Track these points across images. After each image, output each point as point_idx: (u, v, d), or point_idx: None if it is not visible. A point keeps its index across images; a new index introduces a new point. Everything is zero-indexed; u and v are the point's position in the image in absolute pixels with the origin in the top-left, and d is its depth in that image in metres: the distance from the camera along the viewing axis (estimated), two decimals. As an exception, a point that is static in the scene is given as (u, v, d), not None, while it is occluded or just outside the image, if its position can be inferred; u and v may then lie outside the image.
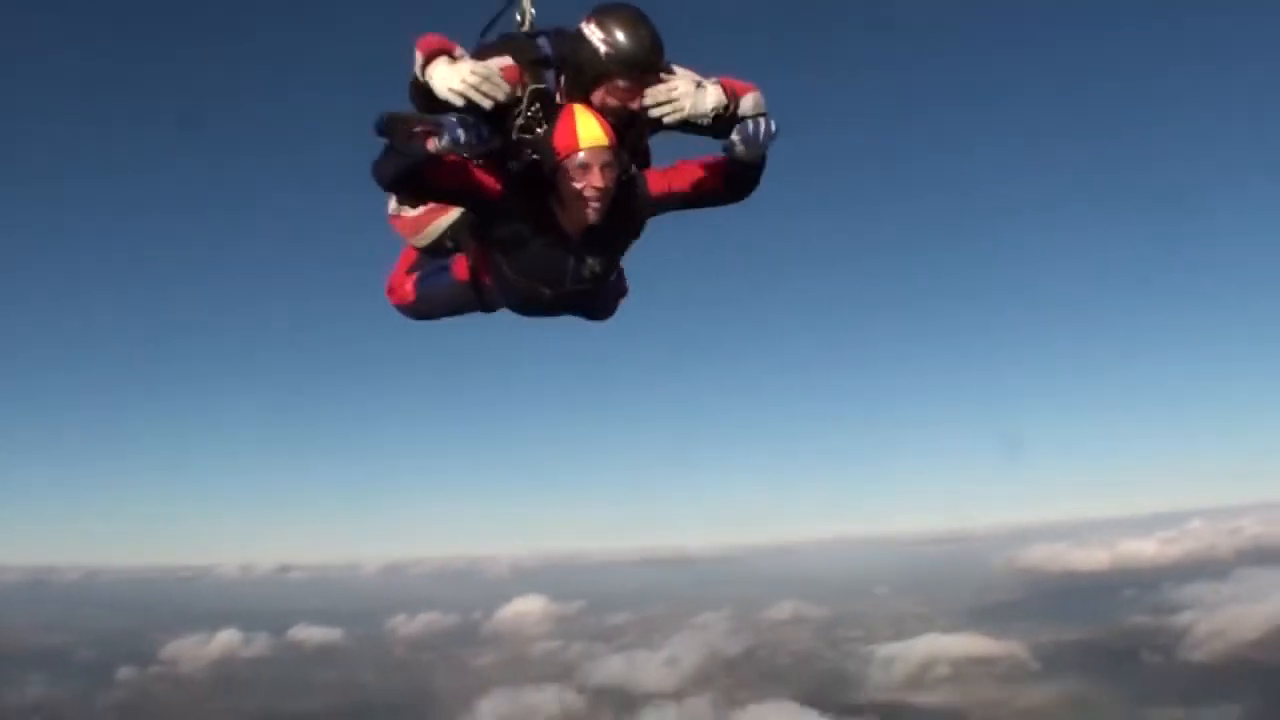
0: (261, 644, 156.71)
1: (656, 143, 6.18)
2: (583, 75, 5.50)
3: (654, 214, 5.97)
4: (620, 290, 6.75)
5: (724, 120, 5.70)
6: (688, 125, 5.83)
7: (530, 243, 5.71)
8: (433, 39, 5.29)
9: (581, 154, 5.34)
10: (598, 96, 5.51)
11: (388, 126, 5.38)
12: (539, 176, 5.55)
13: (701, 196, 5.91)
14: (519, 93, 5.54)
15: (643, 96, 5.51)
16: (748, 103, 5.67)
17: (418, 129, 5.13)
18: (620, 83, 5.43)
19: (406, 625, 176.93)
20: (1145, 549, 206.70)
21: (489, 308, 6.34)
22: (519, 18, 6.20)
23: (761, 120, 5.53)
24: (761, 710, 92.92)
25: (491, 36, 6.02)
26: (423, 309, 6.53)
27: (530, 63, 5.61)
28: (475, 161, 5.52)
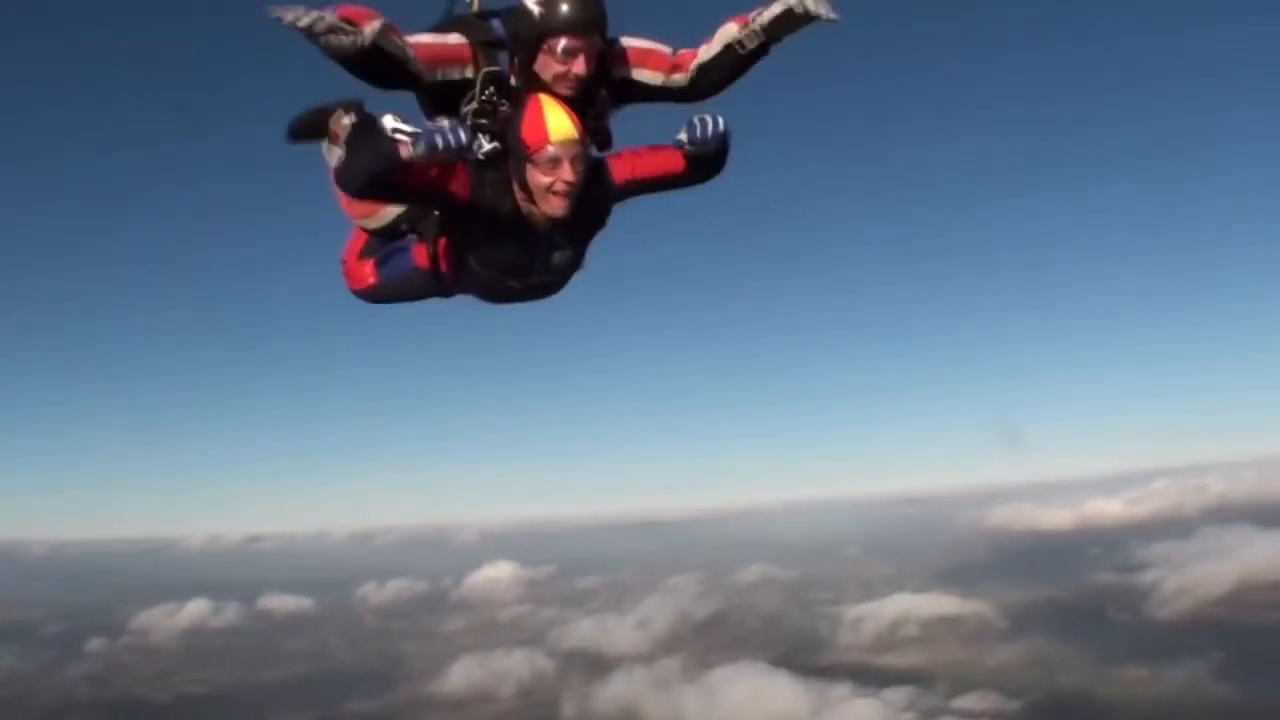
0: (231, 613, 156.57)
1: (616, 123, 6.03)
2: (524, 46, 5.40)
3: (619, 200, 5.83)
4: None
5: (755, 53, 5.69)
6: (650, 93, 5.84)
7: (498, 237, 5.57)
8: (348, 8, 5.00)
9: (551, 148, 5.23)
10: (542, 66, 5.38)
11: (312, 126, 5.54)
12: (504, 168, 5.42)
13: (666, 180, 5.81)
14: (470, 74, 5.46)
15: (585, 61, 5.37)
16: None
17: (392, 135, 5.09)
18: (557, 44, 5.29)
19: (376, 593, 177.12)
20: (1111, 508, 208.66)
21: (449, 294, 6.13)
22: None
23: (708, 119, 5.45)
24: (732, 671, 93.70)
25: (444, 19, 5.86)
26: (382, 294, 6.32)
27: (483, 44, 5.49)
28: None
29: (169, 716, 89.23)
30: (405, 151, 4.91)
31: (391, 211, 5.98)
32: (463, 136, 4.97)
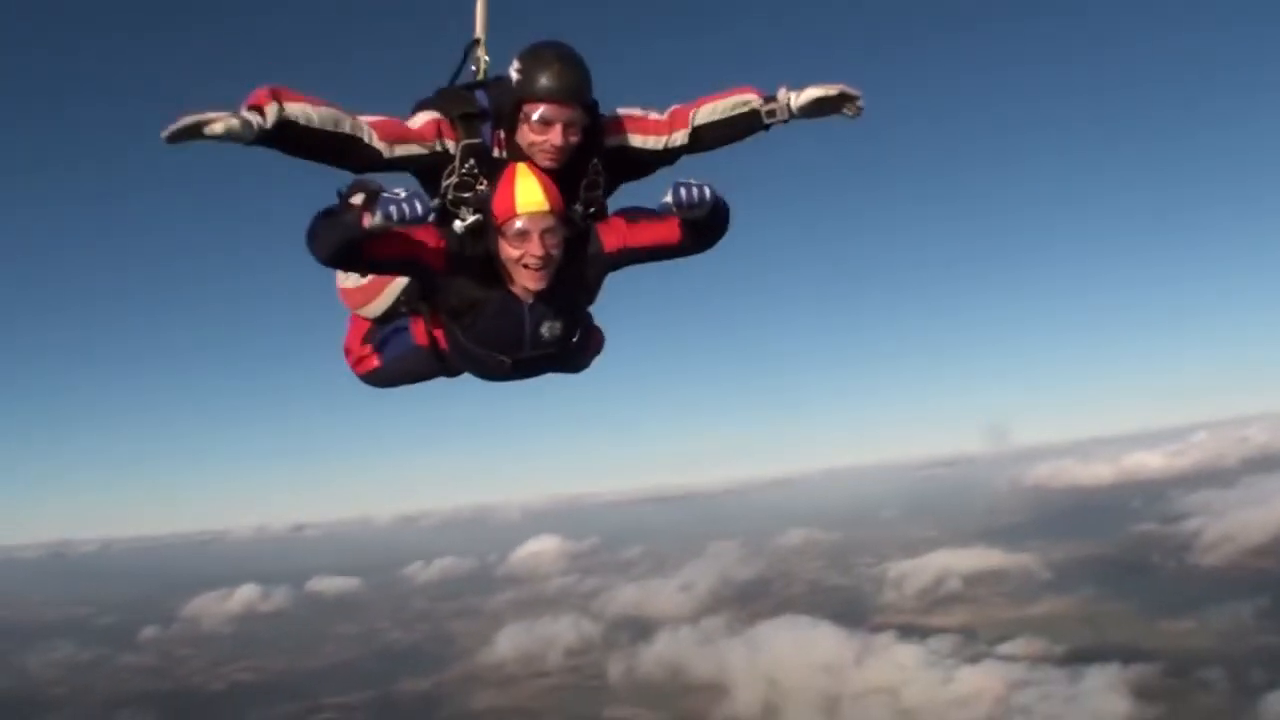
0: (281, 597, 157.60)
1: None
2: (503, 116, 5.29)
3: (611, 269, 5.67)
4: (594, 345, 6.27)
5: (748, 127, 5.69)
6: (647, 159, 5.72)
7: (483, 309, 5.42)
8: (259, 93, 4.82)
9: (519, 221, 5.09)
10: (521, 136, 5.24)
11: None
12: (484, 240, 5.29)
13: (662, 250, 5.64)
14: (442, 148, 5.31)
15: (563, 131, 5.20)
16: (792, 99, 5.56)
17: (351, 202, 5.16)
18: (534, 112, 5.15)
19: (423, 572, 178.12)
20: (1152, 461, 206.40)
21: (452, 373, 6.09)
22: (474, 68, 6.11)
23: (694, 186, 5.21)
24: (775, 626, 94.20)
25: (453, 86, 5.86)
26: (388, 377, 6.26)
27: (462, 116, 5.35)
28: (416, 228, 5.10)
29: (223, 704, 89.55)
30: (366, 221, 4.80)
31: (389, 296, 5.98)
32: (418, 207, 4.76)
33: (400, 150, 5.19)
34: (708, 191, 5.22)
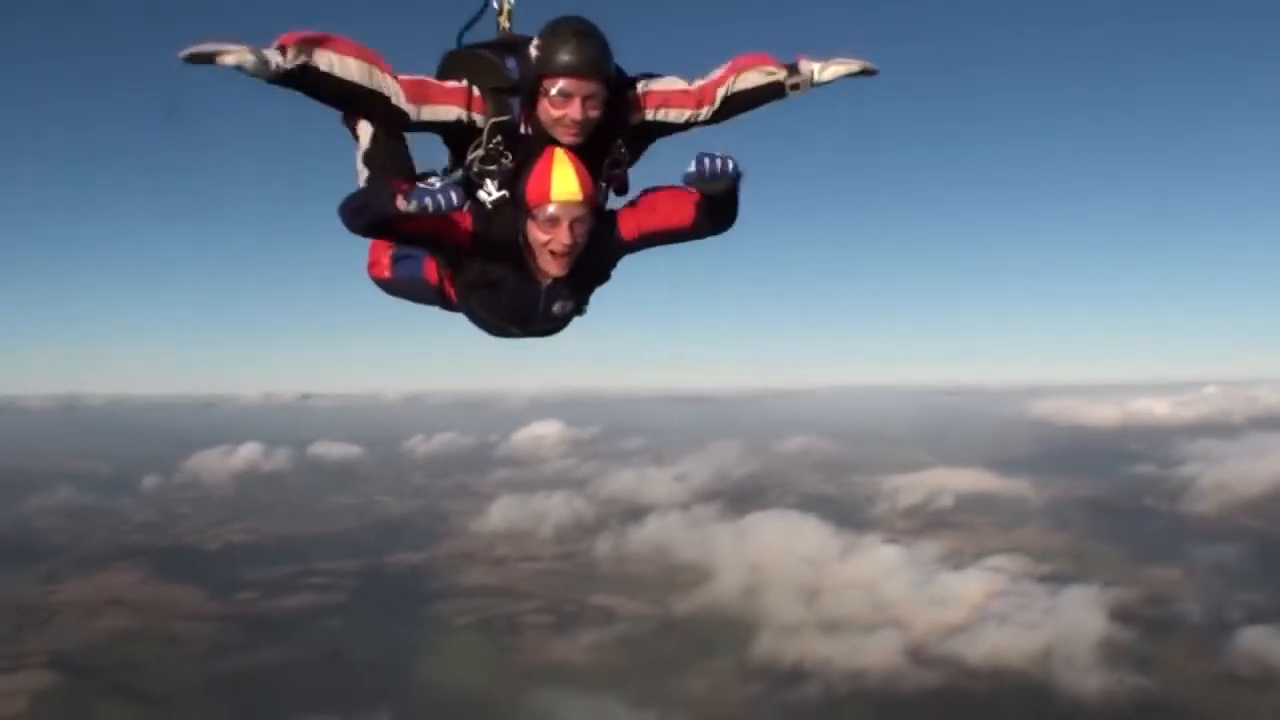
0: (282, 458, 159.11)
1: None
2: (527, 89, 5.27)
3: (627, 253, 5.75)
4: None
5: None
6: (672, 129, 5.71)
7: (500, 285, 5.57)
8: (291, 35, 4.90)
9: (551, 207, 5.17)
10: (542, 110, 5.23)
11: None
12: (509, 216, 5.38)
13: (676, 234, 5.67)
14: (473, 121, 5.34)
15: (582, 104, 5.22)
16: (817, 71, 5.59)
17: (390, 185, 5.17)
18: (553, 86, 5.14)
19: (424, 445, 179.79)
20: (1158, 409, 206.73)
21: (452, 310, 6.16)
22: (499, 10, 6.03)
23: (719, 159, 5.17)
24: (764, 517, 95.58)
25: (470, 39, 5.85)
26: (394, 290, 6.35)
27: (493, 91, 5.35)
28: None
29: (218, 563, 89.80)
30: (401, 205, 4.92)
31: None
32: (454, 198, 4.89)
33: (427, 114, 5.25)
34: (730, 164, 5.19)
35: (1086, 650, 64.08)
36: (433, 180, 4.97)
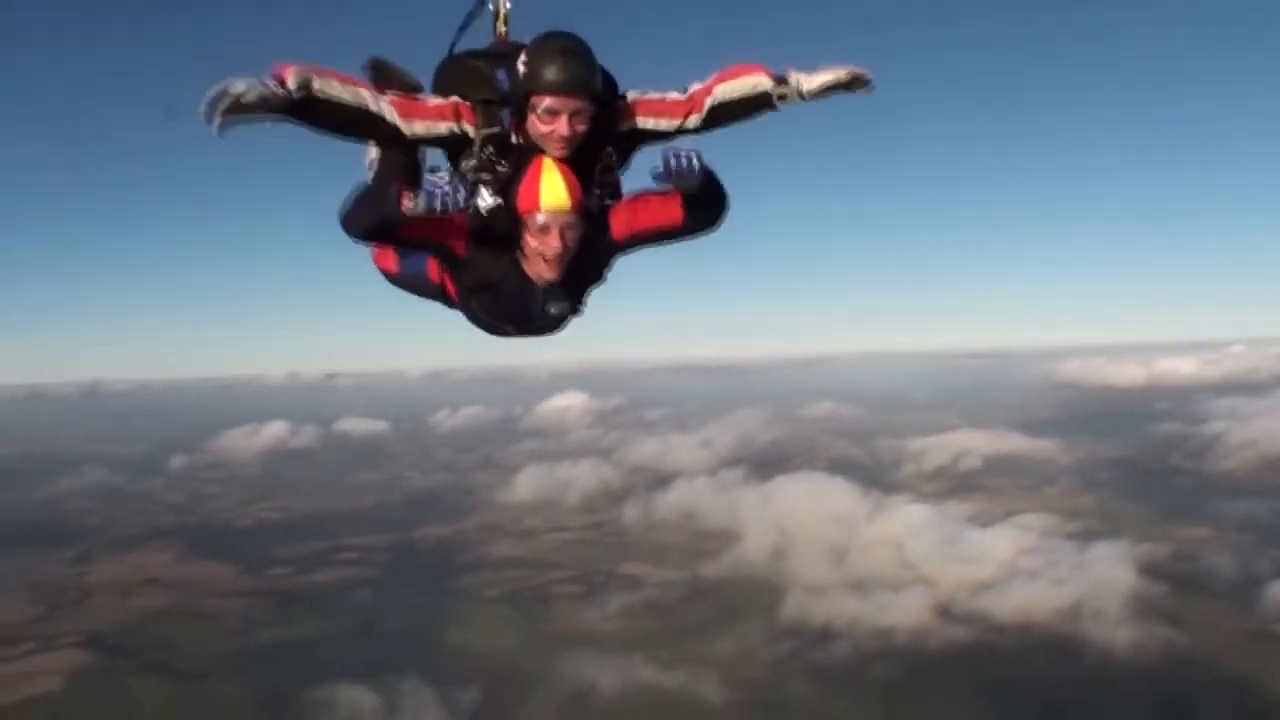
0: (309, 435, 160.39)
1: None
2: (516, 103, 5.35)
3: (620, 253, 5.82)
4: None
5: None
6: (662, 137, 5.71)
7: (497, 288, 5.67)
8: (280, 67, 4.97)
9: (541, 215, 5.29)
10: (531, 125, 5.33)
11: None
12: (504, 222, 5.45)
13: (667, 232, 5.72)
14: (460, 130, 5.43)
15: (570, 121, 5.29)
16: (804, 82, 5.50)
17: (391, 184, 5.26)
18: (541, 103, 5.22)
19: (449, 419, 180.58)
20: (1184, 368, 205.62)
21: (454, 307, 6.23)
22: (495, 13, 6.15)
23: (683, 155, 5.23)
24: (791, 479, 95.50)
25: (463, 44, 5.98)
26: (400, 284, 6.50)
27: (483, 103, 5.45)
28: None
29: (249, 541, 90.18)
30: (407, 205, 5.03)
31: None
32: (460, 197, 5.05)
33: (420, 129, 5.32)
34: (695, 159, 5.23)
35: (1116, 605, 63.92)
36: (439, 177, 5.17)
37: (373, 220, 5.20)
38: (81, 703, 57.79)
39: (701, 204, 5.51)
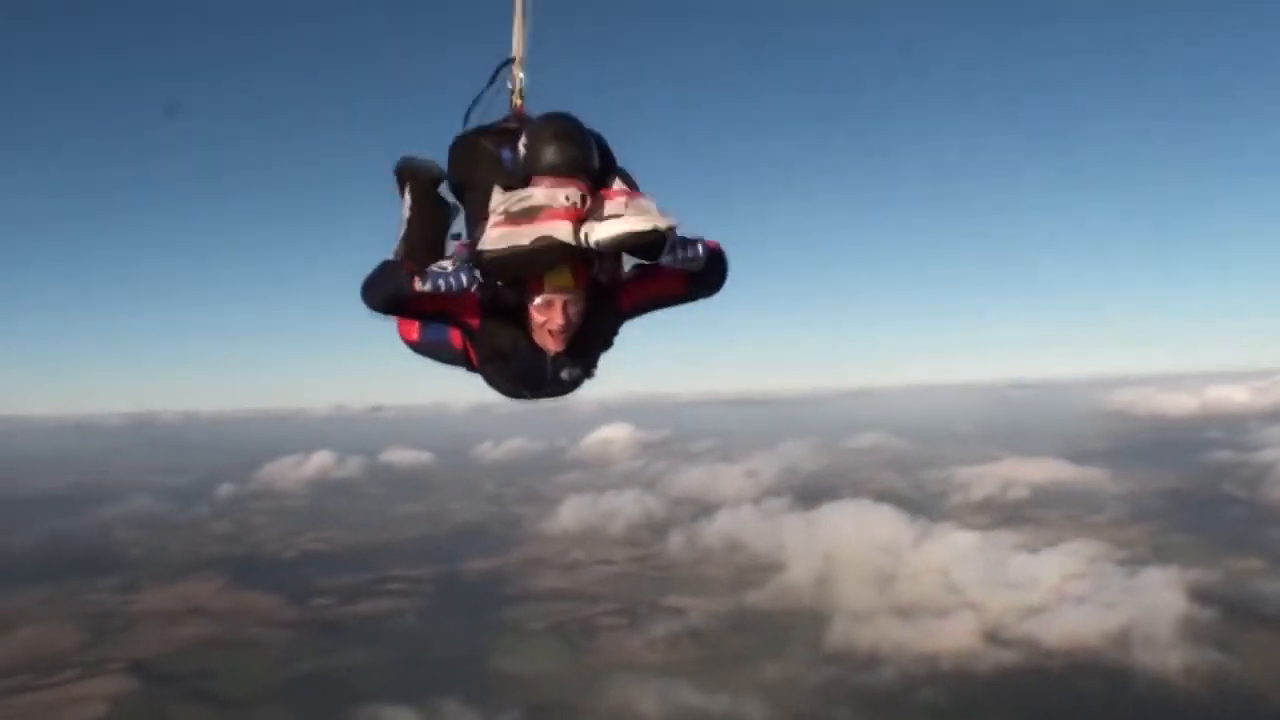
0: (355, 466, 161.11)
1: None
2: (518, 184, 5.40)
3: (627, 320, 5.91)
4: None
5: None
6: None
7: (511, 356, 5.79)
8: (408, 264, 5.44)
9: (545, 295, 5.38)
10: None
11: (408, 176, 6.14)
12: (512, 297, 5.55)
13: (670, 300, 5.81)
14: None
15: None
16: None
17: (405, 267, 5.43)
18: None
19: (494, 451, 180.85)
20: (1236, 396, 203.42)
21: (475, 372, 6.31)
22: (511, 89, 6.30)
23: (687, 246, 5.35)
24: (836, 507, 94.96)
25: (478, 114, 6.16)
26: (423, 352, 6.55)
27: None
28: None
29: (294, 572, 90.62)
30: (417, 286, 5.22)
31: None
32: (464, 280, 5.20)
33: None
34: (700, 248, 5.38)
35: (1166, 630, 63.07)
36: (445, 264, 5.28)
37: (388, 295, 5.38)
38: (125, 729, 58.23)
39: (704, 277, 5.61)
